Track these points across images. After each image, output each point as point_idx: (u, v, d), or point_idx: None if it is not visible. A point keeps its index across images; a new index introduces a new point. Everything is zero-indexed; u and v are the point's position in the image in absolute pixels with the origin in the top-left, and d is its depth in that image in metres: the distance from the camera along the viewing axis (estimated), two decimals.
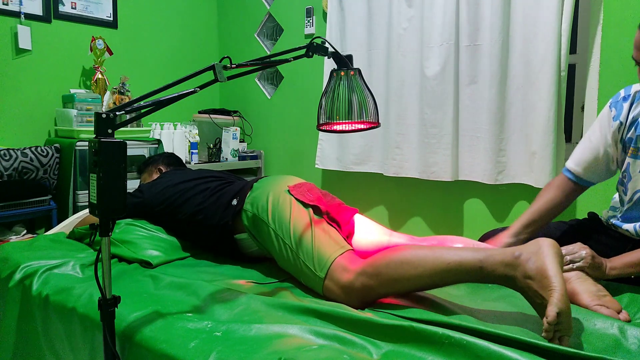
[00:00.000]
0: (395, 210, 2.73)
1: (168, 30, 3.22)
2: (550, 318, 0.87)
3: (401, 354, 0.91)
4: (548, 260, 0.95)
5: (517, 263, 0.99)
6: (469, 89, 2.32)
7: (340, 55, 1.22)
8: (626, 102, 1.36)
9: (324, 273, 1.20)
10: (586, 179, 1.44)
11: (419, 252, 1.10)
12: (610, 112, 1.39)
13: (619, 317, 1.05)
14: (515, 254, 1.00)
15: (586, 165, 1.43)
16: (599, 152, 1.40)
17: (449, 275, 1.06)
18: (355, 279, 1.14)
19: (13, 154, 2.24)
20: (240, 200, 1.47)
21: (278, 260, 1.38)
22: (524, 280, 0.97)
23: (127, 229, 1.58)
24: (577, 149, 1.47)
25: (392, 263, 1.10)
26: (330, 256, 1.21)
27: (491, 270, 1.01)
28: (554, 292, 0.90)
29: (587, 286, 1.14)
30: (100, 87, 2.69)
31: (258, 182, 1.51)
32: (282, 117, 3.24)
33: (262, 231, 1.39)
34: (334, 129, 1.23)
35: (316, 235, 1.27)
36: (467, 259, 1.04)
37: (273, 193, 1.41)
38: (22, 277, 1.38)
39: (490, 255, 1.02)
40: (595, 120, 1.44)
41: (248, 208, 1.43)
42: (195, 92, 1.06)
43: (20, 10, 2.50)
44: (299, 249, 1.28)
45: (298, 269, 1.28)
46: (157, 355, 0.97)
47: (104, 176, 0.93)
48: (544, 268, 0.94)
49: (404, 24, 2.47)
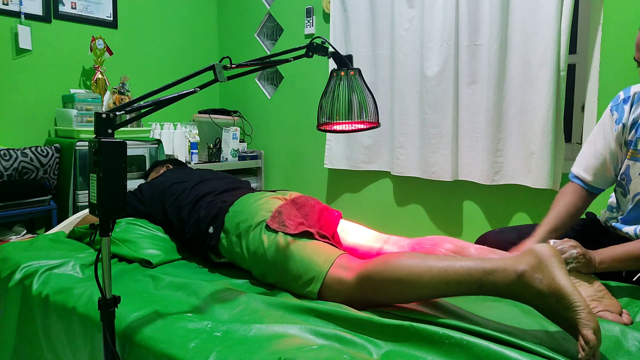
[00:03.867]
0: (396, 210, 2.73)
1: (168, 30, 3.22)
2: (592, 342, 0.82)
3: (401, 353, 0.91)
4: (558, 275, 0.90)
5: (522, 283, 0.93)
6: (469, 89, 2.32)
7: (340, 55, 1.22)
8: (626, 104, 1.36)
9: (316, 291, 1.17)
10: (596, 186, 1.42)
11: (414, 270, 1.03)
12: (612, 116, 1.38)
13: (623, 321, 1.04)
14: (517, 272, 0.93)
15: (594, 171, 1.40)
16: (606, 158, 1.39)
17: (448, 293, 1.03)
18: (352, 293, 1.12)
19: (13, 154, 2.24)
20: (215, 230, 1.43)
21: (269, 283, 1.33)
22: (536, 299, 0.92)
23: (127, 228, 1.59)
24: (582, 155, 1.45)
25: (388, 281, 1.06)
26: (319, 273, 1.17)
27: (492, 288, 0.96)
28: (579, 312, 0.86)
29: (585, 290, 1.12)
30: (100, 87, 2.69)
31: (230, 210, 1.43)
32: (282, 117, 3.24)
33: (241, 262, 1.38)
34: (334, 129, 1.23)
35: (297, 257, 1.22)
36: (465, 279, 0.98)
37: (244, 225, 1.36)
38: (22, 277, 1.38)
39: (490, 272, 0.96)
40: (597, 124, 1.43)
41: (224, 243, 1.40)
42: (195, 92, 1.06)
43: (20, 10, 2.49)
44: (284, 275, 1.24)
45: (289, 288, 1.25)
46: (157, 355, 0.97)
47: (104, 176, 0.93)
48: (557, 286, 0.89)
49: (405, 24, 2.47)
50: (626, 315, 1.07)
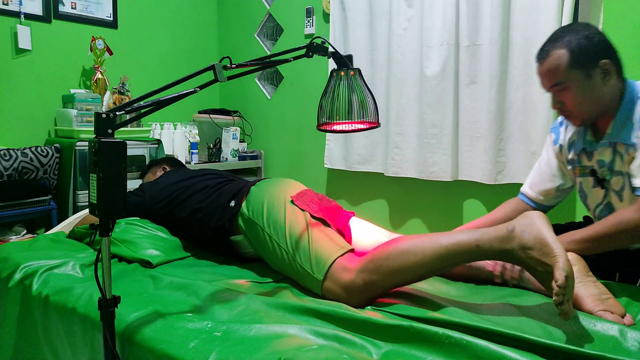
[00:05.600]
0: (396, 210, 2.73)
1: (168, 30, 3.22)
2: (560, 281, 0.91)
3: (401, 353, 0.91)
4: (544, 230, 1.00)
5: (512, 236, 1.03)
6: (469, 89, 2.32)
7: (340, 55, 1.22)
8: (562, 126, 1.46)
9: (323, 275, 1.19)
10: (540, 203, 1.51)
11: (416, 240, 1.13)
12: (550, 137, 1.49)
13: (623, 322, 1.03)
14: (509, 228, 1.04)
15: (538, 189, 1.50)
16: (549, 177, 1.49)
17: (448, 258, 1.09)
18: (357, 276, 1.14)
19: (13, 154, 2.24)
20: (237, 202, 1.47)
21: (273, 264, 1.38)
22: (523, 251, 1.02)
23: (127, 228, 1.58)
24: (530, 173, 1.55)
25: (392, 255, 1.12)
26: (329, 257, 1.21)
27: (488, 246, 1.05)
28: (558, 257, 0.95)
29: (590, 289, 1.11)
30: (100, 87, 2.69)
31: (256, 185, 1.50)
32: (282, 117, 3.24)
33: (256, 234, 1.39)
34: (334, 129, 1.23)
35: (314, 238, 1.27)
36: (464, 240, 1.07)
37: (269, 197, 1.41)
38: (22, 277, 1.38)
39: (485, 232, 1.07)
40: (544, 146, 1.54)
41: (244, 211, 1.43)
42: (195, 92, 1.06)
43: (20, 10, 2.49)
44: (296, 252, 1.27)
45: (295, 271, 1.28)
46: (157, 355, 0.97)
47: (104, 176, 0.93)
48: (542, 237, 0.99)
49: (404, 24, 2.47)
50: (629, 318, 1.06)
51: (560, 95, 1.27)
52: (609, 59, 1.23)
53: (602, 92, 1.24)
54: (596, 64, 1.22)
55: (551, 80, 1.26)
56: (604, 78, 1.23)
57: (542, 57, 1.27)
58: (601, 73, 1.23)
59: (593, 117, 1.29)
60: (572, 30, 1.24)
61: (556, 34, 1.27)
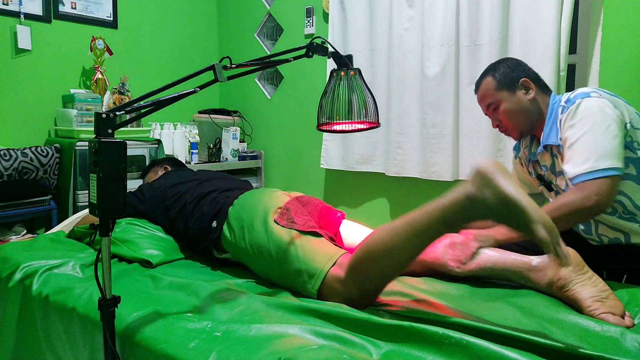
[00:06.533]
0: (396, 210, 2.72)
1: (168, 30, 3.22)
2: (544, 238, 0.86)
3: (401, 354, 0.91)
4: (504, 185, 0.91)
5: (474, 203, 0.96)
6: (470, 89, 2.32)
7: (340, 55, 1.22)
8: (520, 143, 1.63)
9: (316, 290, 1.18)
10: None
11: (381, 234, 1.10)
12: (513, 153, 1.69)
13: (625, 324, 1.03)
14: (468, 195, 0.96)
15: None
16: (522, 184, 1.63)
17: (422, 235, 1.04)
18: (352, 288, 1.13)
19: (13, 154, 2.24)
20: (218, 223, 1.43)
21: (268, 279, 1.33)
22: (490, 215, 0.95)
23: (127, 228, 1.58)
24: None
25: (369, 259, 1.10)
26: (321, 271, 1.18)
27: (455, 220, 1.00)
28: (530, 214, 0.88)
29: (589, 290, 1.10)
30: (100, 87, 2.69)
31: (233, 205, 1.44)
32: (282, 117, 3.24)
33: (243, 255, 1.37)
34: (334, 129, 1.23)
35: (301, 254, 1.22)
36: (430, 222, 1.02)
37: (248, 219, 1.36)
38: (22, 277, 1.38)
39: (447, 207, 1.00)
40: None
41: (226, 234, 1.40)
42: (195, 92, 1.06)
43: (20, 10, 2.49)
44: (286, 270, 1.24)
45: (290, 284, 1.25)
46: (157, 355, 0.97)
47: (104, 176, 0.93)
48: (504, 196, 0.91)
49: (405, 24, 2.47)
50: (628, 318, 1.06)
51: (496, 114, 1.52)
52: (527, 77, 1.47)
53: (528, 105, 1.47)
54: (517, 83, 1.47)
55: (486, 103, 1.52)
56: (526, 93, 1.47)
57: (476, 88, 1.56)
58: (523, 89, 1.47)
59: (528, 128, 1.50)
60: (495, 64, 1.53)
61: (484, 71, 1.54)
